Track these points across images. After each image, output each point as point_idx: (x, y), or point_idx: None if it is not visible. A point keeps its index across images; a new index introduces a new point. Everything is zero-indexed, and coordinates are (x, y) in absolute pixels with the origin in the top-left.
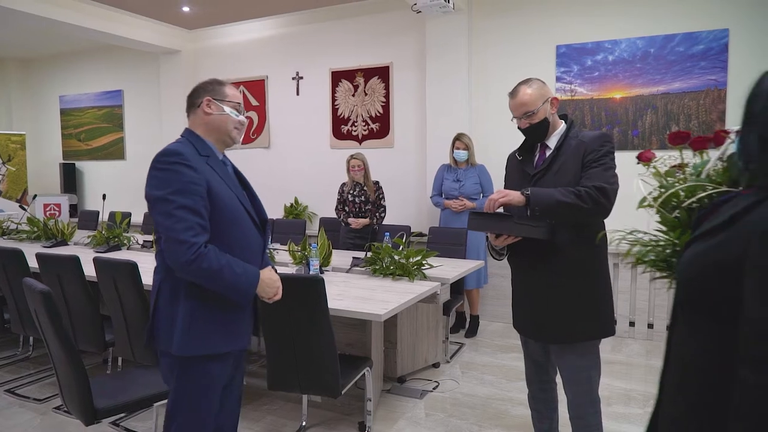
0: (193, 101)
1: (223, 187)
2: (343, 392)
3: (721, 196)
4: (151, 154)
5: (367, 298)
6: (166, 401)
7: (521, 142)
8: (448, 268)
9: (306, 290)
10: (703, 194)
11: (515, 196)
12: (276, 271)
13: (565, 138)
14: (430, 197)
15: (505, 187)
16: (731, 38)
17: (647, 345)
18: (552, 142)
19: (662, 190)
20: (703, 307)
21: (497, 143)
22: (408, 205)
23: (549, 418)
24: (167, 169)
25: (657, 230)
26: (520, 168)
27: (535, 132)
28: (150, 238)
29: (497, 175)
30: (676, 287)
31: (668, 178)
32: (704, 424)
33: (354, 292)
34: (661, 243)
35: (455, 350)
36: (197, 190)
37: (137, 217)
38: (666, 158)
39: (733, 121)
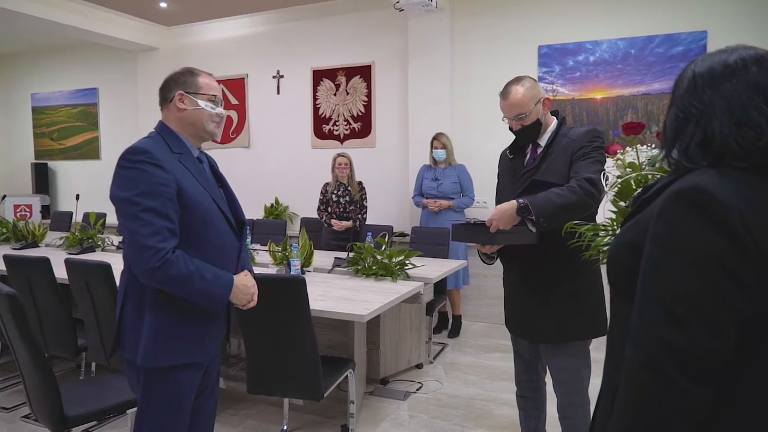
0: (165, 95)
1: (196, 187)
2: (325, 395)
3: (653, 182)
4: None
5: (349, 299)
6: None
7: (512, 141)
8: (431, 268)
9: (287, 291)
10: (652, 182)
11: (508, 211)
12: (254, 274)
13: (555, 136)
14: (412, 197)
15: (498, 186)
16: (710, 40)
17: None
18: (543, 140)
19: (619, 180)
20: (620, 288)
21: (479, 143)
22: (390, 205)
23: (536, 417)
24: (133, 168)
25: (608, 218)
26: (510, 166)
27: (526, 134)
28: None
29: (478, 174)
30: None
31: (628, 169)
32: (611, 401)
33: (336, 293)
34: (609, 228)
35: (438, 351)
36: (166, 191)
37: (112, 218)
38: (630, 151)
39: None
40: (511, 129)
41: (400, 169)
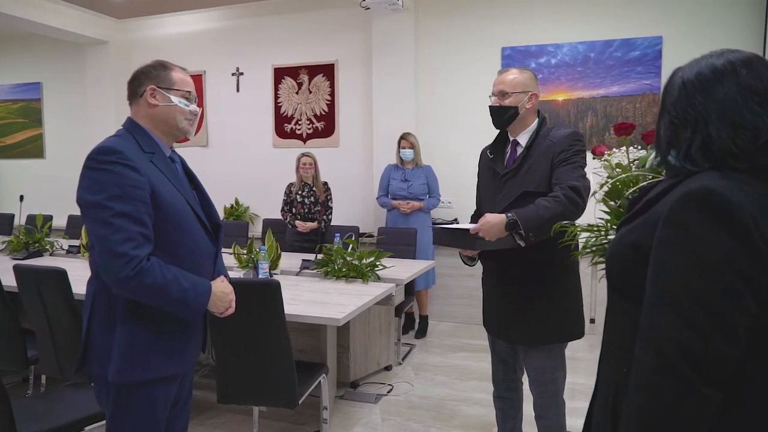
0: (134, 89)
1: (170, 190)
2: (300, 402)
3: (650, 183)
4: (75, 153)
5: (321, 302)
6: (99, 424)
7: (494, 139)
8: (400, 269)
9: (261, 296)
10: (644, 183)
11: (497, 225)
12: (230, 279)
13: (536, 136)
14: (377, 198)
15: (478, 185)
16: (665, 45)
17: (591, 339)
18: (523, 139)
19: (609, 181)
20: (623, 289)
21: (443, 143)
22: (354, 205)
23: (513, 417)
24: (103, 170)
25: (599, 218)
26: (490, 166)
27: (498, 114)
28: (76, 242)
29: (441, 174)
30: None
31: (617, 170)
32: (616, 402)
33: (307, 296)
34: (602, 229)
35: (406, 352)
36: (139, 194)
37: (60, 220)
38: (619, 153)
39: None
40: (490, 107)
41: (364, 169)
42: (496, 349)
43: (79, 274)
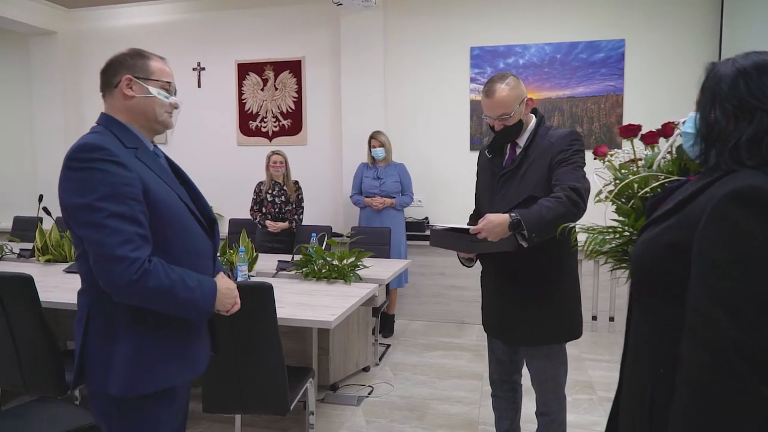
0: (108, 80)
1: (161, 185)
2: (291, 408)
3: (672, 183)
4: (19, 150)
5: (308, 305)
6: None
7: (491, 140)
8: (378, 269)
9: (252, 299)
10: (656, 183)
11: (500, 225)
12: (230, 276)
13: (534, 136)
14: (350, 196)
15: (477, 185)
16: (627, 48)
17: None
18: (521, 139)
19: (617, 182)
20: (656, 290)
21: (412, 142)
22: (324, 204)
23: (510, 419)
24: (89, 168)
25: (613, 220)
26: (489, 166)
27: (507, 134)
28: (28, 246)
29: (413, 173)
30: (630, 273)
31: (622, 171)
32: (653, 403)
33: (291, 298)
34: (618, 230)
35: (382, 352)
36: (131, 192)
37: (5, 222)
38: (620, 153)
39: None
40: (492, 128)
41: (333, 168)
42: (494, 349)
43: (41, 280)
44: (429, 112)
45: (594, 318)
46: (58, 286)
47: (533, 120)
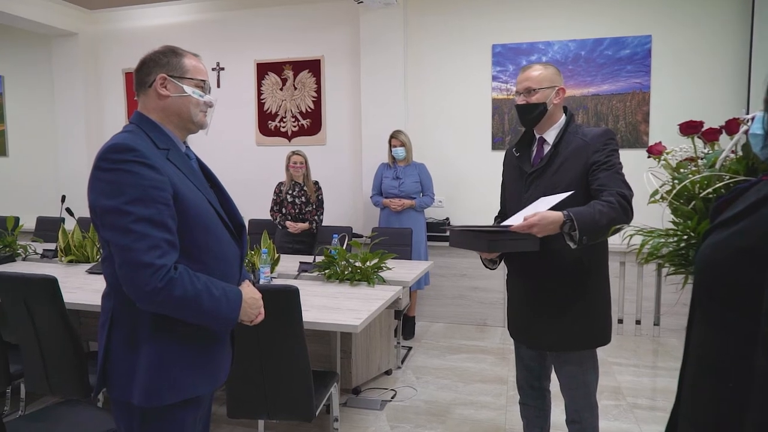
0: (142, 78)
1: (191, 189)
2: (317, 413)
3: (740, 184)
4: (42, 151)
5: (333, 308)
6: None
7: (519, 137)
8: (400, 270)
9: (279, 303)
10: (720, 184)
11: (554, 222)
12: (255, 284)
13: (564, 133)
14: (370, 197)
15: (503, 185)
16: (654, 44)
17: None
18: (550, 136)
19: (676, 182)
20: (725, 298)
21: (433, 141)
22: (343, 205)
23: (539, 426)
24: (118, 170)
25: (671, 221)
26: (517, 165)
27: (526, 112)
28: (51, 246)
29: (434, 173)
30: (694, 280)
31: (681, 170)
32: (721, 419)
33: (316, 301)
34: (678, 233)
35: (404, 355)
36: (160, 196)
37: (29, 222)
38: (678, 151)
39: (657, 121)
40: (516, 105)
41: (352, 168)
42: (521, 354)
43: (62, 281)
44: (450, 111)
45: (620, 321)
46: (82, 287)
47: (563, 117)
